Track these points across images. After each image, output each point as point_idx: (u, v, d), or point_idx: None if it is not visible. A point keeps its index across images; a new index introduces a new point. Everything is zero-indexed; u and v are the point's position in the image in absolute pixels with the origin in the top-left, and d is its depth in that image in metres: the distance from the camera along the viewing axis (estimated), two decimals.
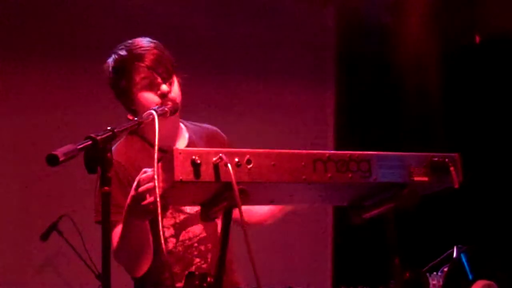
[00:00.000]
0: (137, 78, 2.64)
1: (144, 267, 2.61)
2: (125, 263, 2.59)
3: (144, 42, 2.69)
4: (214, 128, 2.92)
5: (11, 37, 4.96)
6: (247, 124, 5.26)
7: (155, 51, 2.65)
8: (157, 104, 2.57)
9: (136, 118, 2.30)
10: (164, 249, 2.29)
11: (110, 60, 2.72)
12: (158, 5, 5.21)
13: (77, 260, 4.60)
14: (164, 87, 2.63)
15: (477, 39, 5.34)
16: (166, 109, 2.48)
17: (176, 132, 2.77)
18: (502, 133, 5.03)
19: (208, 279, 2.12)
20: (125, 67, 2.65)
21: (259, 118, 5.48)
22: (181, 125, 2.82)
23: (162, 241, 2.20)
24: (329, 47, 5.88)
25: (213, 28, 5.40)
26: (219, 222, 2.68)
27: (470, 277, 2.53)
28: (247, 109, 5.49)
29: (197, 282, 2.13)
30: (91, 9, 5.13)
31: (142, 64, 2.62)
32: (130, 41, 2.71)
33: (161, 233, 2.13)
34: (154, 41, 2.72)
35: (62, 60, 5.07)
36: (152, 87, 2.63)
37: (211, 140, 2.83)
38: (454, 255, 2.60)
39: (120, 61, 2.68)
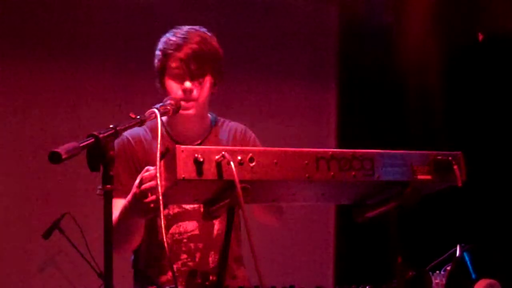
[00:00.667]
0: (170, 66, 2.67)
1: (131, 248, 2.67)
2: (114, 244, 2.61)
3: (193, 33, 2.71)
4: (243, 127, 2.91)
5: (11, 36, 4.96)
6: (248, 123, 5.24)
7: (195, 46, 2.66)
8: (180, 97, 2.62)
9: (138, 116, 2.30)
10: (167, 248, 2.29)
11: (162, 38, 2.75)
12: (159, 4, 5.21)
13: (79, 258, 4.60)
14: (187, 84, 2.65)
15: (480, 38, 5.33)
16: (168, 107, 2.48)
17: (199, 129, 2.79)
18: (504, 132, 5.02)
19: (211, 277, 2.11)
20: (165, 51, 2.69)
21: (260, 118, 5.47)
22: (211, 119, 2.84)
23: (165, 243, 2.20)
24: (331, 47, 5.88)
25: (214, 28, 5.38)
26: (216, 224, 2.69)
27: (473, 276, 2.52)
28: (248, 108, 5.48)
29: (199, 281, 2.12)
30: (92, 8, 5.12)
31: (178, 54, 2.65)
32: (185, 29, 2.73)
33: (163, 232, 2.13)
34: (204, 33, 2.74)
35: (63, 58, 5.07)
36: (179, 78, 2.66)
37: (239, 139, 2.83)
38: (457, 254, 2.59)
39: (164, 43, 2.71)
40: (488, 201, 4.91)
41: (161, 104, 2.49)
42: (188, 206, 2.69)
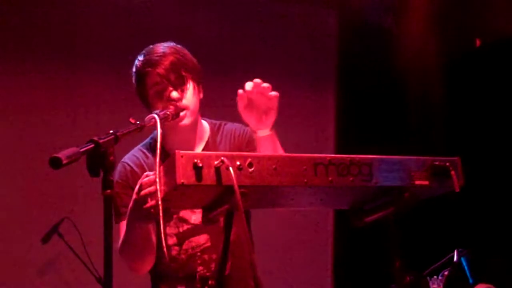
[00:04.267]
0: (149, 85, 2.66)
1: (147, 265, 2.65)
2: (128, 260, 2.62)
3: (161, 48, 2.70)
4: (240, 126, 2.86)
5: (11, 37, 4.97)
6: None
7: (170, 57, 2.65)
8: (171, 111, 2.57)
9: (138, 122, 2.31)
10: (166, 253, 2.30)
11: (133, 68, 2.75)
12: (159, 5, 5.22)
13: (78, 263, 4.60)
14: (174, 94, 2.64)
15: (478, 43, 5.34)
16: (168, 113, 2.49)
17: (194, 135, 2.77)
18: (502, 136, 5.03)
19: (210, 282, 2.13)
20: (140, 74, 2.69)
21: None
22: (205, 126, 2.83)
23: (164, 245, 2.21)
24: (330, 50, 5.89)
25: (214, 29, 5.40)
26: None
27: (471, 280, 2.53)
28: None
29: (198, 286, 2.13)
30: (92, 10, 5.13)
31: (154, 71, 2.64)
32: (151, 47, 2.73)
33: (162, 236, 2.14)
34: (174, 46, 2.72)
35: (64, 60, 5.07)
36: (162, 94, 2.64)
37: (235, 140, 2.82)
38: (455, 258, 2.61)
39: (137, 67, 2.71)
40: (485, 207, 4.92)
41: (160, 109, 2.50)
42: (196, 221, 2.69)
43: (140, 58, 2.71)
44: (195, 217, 2.69)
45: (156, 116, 2.32)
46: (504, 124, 5.03)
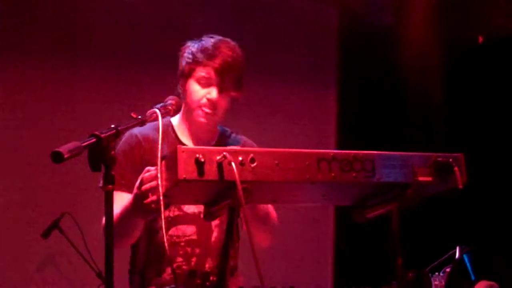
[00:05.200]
0: (199, 72, 2.68)
1: (127, 244, 2.67)
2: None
3: (227, 44, 2.75)
4: (251, 142, 2.89)
5: (11, 35, 4.95)
6: (248, 124, 5.23)
7: (230, 59, 2.69)
8: (202, 104, 2.66)
9: (139, 116, 2.30)
10: (167, 247, 2.28)
11: (195, 42, 2.76)
12: (159, 4, 5.21)
13: (78, 258, 4.59)
14: (214, 94, 2.67)
15: (480, 39, 5.33)
16: (169, 108, 2.48)
17: (211, 137, 2.80)
18: (505, 133, 5.03)
19: (211, 278, 2.12)
20: (197, 57, 2.70)
21: (260, 118, 5.47)
22: (221, 131, 2.85)
23: (165, 240, 2.20)
24: (331, 48, 5.87)
25: (214, 28, 5.38)
26: (215, 231, 2.69)
27: (473, 277, 2.53)
28: (248, 109, 5.48)
29: (199, 281, 2.12)
30: (93, 8, 5.12)
31: (211, 63, 2.67)
32: (219, 39, 2.76)
33: (163, 231, 2.13)
34: (238, 49, 2.77)
35: (64, 58, 5.06)
36: (206, 86, 2.68)
37: None
38: (457, 255, 2.60)
39: (197, 48, 2.72)
40: (488, 203, 4.91)
41: (161, 104, 2.48)
42: (189, 210, 2.68)
43: (203, 43, 2.72)
44: (188, 206, 2.67)
45: (157, 111, 2.31)
46: (508, 121, 5.02)
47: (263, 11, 5.59)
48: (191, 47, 2.74)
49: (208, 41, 2.74)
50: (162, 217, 2.06)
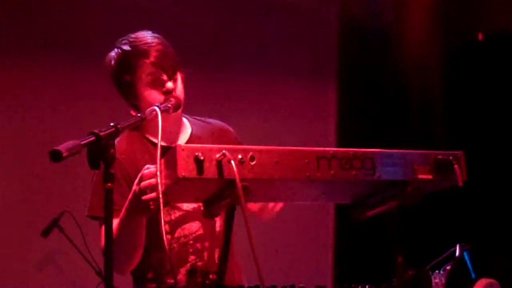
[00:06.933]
0: (142, 75, 2.60)
1: (131, 265, 2.56)
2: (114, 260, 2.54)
3: (148, 37, 2.64)
4: (223, 124, 2.86)
5: (10, 33, 4.95)
6: (248, 122, 5.24)
7: (159, 46, 2.61)
8: (160, 101, 2.53)
9: (139, 114, 2.30)
10: (166, 245, 2.28)
11: (113, 54, 2.67)
12: (159, 3, 5.20)
13: (78, 256, 4.59)
14: (169, 85, 2.59)
15: (480, 36, 5.33)
16: (169, 105, 2.48)
17: (178, 128, 2.74)
18: (505, 131, 5.02)
19: (211, 276, 2.11)
20: (129, 63, 2.61)
21: (260, 116, 5.47)
22: (185, 120, 2.78)
23: (164, 237, 2.19)
24: (331, 46, 5.87)
25: (214, 27, 5.39)
26: (218, 220, 2.68)
27: (473, 275, 2.52)
28: (248, 107, 5.48)
29: (199, 279, 2.12)
30: (92, 7, 5.11)
31: (147, 61, 2.59)
32: (133, 35, 2.67)
33: (162, 229, 2.13)
34: (158, 35, 2.67)
35: (63, 57, 5.06)
36: (157, 84, 2.60)
37: (219, 137, 2.78)
38: (457, 253, 2.59)
39: (124, 56, 2.63)
40: (488, 201, 4.91)
41: (161, 102, 2.48)
42: (188, 208, 2.66)
43: (126, 47, 2.63)
44: (187, 203, 2.64)
45: (157, 108, 2.31)
46: (508, 119, 5.02)
47: (262, 10, 5.58)
48: (117, 60, 2.64)
49: (130, 42, 2.64)
50: (161, 215, 2.06)
